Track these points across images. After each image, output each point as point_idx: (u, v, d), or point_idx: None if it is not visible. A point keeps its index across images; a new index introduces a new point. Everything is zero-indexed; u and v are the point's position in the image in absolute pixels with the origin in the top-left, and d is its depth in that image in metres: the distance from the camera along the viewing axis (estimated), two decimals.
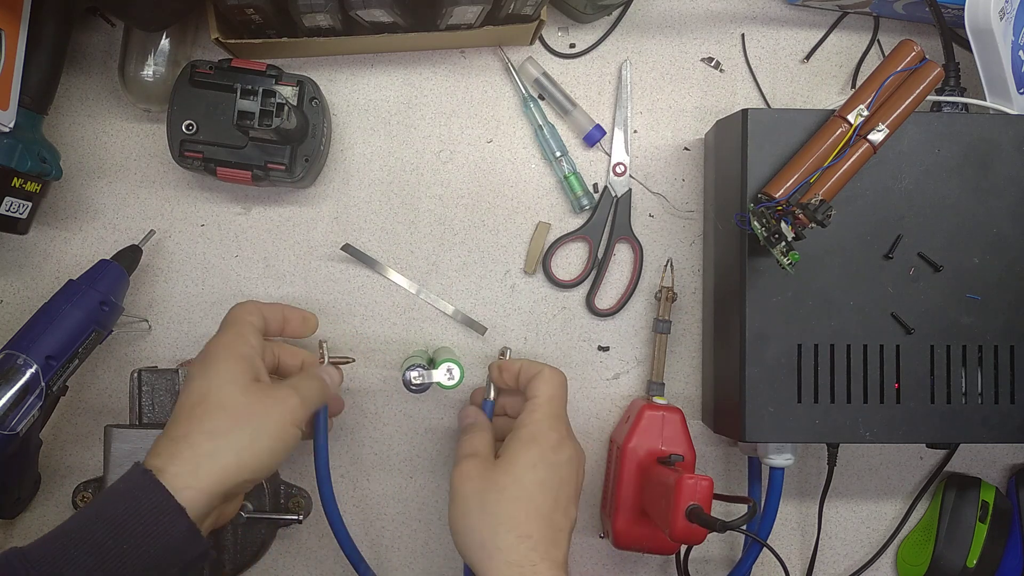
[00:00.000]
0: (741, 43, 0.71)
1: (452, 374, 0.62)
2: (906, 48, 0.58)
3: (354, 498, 0.70)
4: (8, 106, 0.59)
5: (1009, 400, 0.60)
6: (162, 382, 0.64)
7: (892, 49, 0.59)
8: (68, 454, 0.69)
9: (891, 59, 0.58)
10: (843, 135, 0.57)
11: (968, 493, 0.70)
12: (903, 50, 0.58)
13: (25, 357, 0.59)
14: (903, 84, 0.58)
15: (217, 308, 0.69)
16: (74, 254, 0.69)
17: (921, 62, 0.58)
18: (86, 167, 0.69)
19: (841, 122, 0.58)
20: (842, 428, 0.60)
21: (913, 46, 0.58)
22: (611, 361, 0.70)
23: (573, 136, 0.70)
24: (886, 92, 0.58)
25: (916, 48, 0.58)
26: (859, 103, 0.57)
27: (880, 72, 0.58)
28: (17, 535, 0.69)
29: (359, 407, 0.69)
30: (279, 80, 0.64)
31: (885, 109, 0.57)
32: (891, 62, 0.58)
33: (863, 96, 0.58)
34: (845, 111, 0.58)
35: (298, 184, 0.67)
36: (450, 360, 0.62)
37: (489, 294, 0.70)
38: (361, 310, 0.69)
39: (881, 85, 0.57)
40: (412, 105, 0.70)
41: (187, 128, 0.63)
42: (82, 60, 0.68)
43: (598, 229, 0.70)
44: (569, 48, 0.71)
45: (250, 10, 0.61)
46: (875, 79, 0.58)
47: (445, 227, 0.70)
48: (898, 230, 0.60)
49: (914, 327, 0.60)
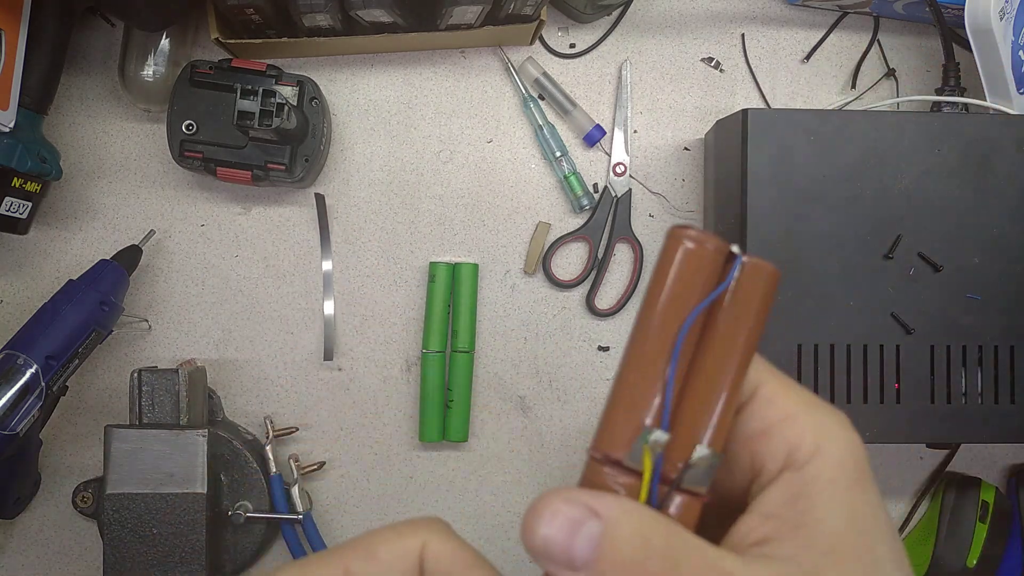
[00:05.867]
0: (741, 43, 0.71)
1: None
2: (675, 244, 0.27)
3: (354, 498, 0.70)
4: (8, 106, 0.59)
5: (1009, 400, 0.60)
6: (162, 382, 0.64)
7: (663, 257, 0.28)
8: (68, 454, 0.69)
9: (663, 284, 0.27)
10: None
11: (968, 493, 0.70)
12: (672, 251, 0.27)
13: (25, 357, 0.59)
14: (714, 329, 0.28)
15: (217, 308, 0.69)
16: (74, 254, 0.69)
17: (731, 261, 0.28)
18: (86, 167, 0.69)
19: (602, 470, 0.27)
20: None
21: (683, 236, 0.27)
22: (611, 361, 0.70)
23: (573, 136, 0.70)
24: (684, 360, 0.27)
25: (692, 238, 0.27)
26: (638, 412, 0.27)
27: (652, 328, 0.27)
28: (17, 535, 0.69)
29: (359, 406, 0.70)
30: (279, 80, 0.64)
31: (691, 397, 0.27)
32: (676, 293, 0.27)
33: (643, 390, 0.27)
34: (609, 445, 0.26)
35: (298, 184, 0.67)
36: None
37: (489, 294, 0.70)
38: (361, 310, 0.69)
39: (673, 359, 0.27)
40: (412, 105, 0.70)
41: (187, 128, 0.63)
42: (82, 60, 0.68)
43: (598, 229, 0.70)
44: (569, 48, 0.71)
45: (250, 10, 0.61)
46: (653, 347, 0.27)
47: (445, 227, 0.70)
48: (898, 230, 0.60)
49: (914, 327, 0.60)
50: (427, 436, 0.68)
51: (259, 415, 0.69)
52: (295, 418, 0.69)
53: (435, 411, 0.68)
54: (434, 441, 0.68)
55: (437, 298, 0.68)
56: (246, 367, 0.69)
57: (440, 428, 0.68)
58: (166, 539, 0.61)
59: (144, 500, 0.61)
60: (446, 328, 0.69)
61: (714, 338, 0.28)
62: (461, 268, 0.68)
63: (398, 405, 0.70)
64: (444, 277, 0.68)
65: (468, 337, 0.68)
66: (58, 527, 0.69)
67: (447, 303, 0.69)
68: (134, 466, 0.62)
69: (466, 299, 0.68)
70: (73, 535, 0.69)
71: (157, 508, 0.61)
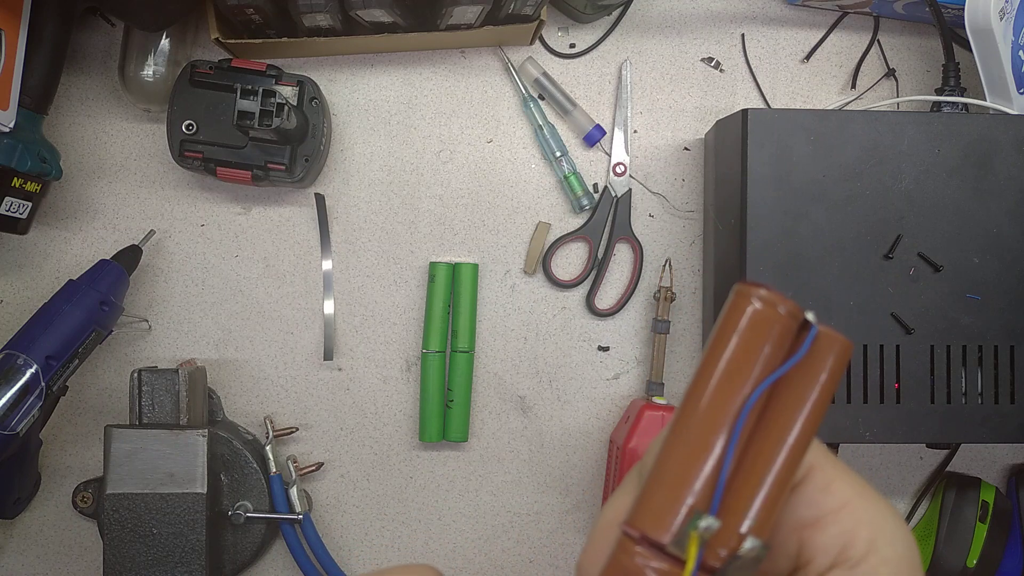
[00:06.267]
0: (741, 43, 0.71)
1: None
2: (743, 303, 0.26)
3: (354, 498, 0.70)
4: (8, 106, 0.59)
5: (1009, 400, 0.60)
6: (162, 382, 0.64)
7: (728, 316, 0.26)
8: (68, 454, 0.69)
9: (726, 344, 0.26)
10: None
11: (968, 493, 0.70)
12: (739, 311, 0.26)
13: (25, 357, 0.59)
14: (777, 404, 0.26)
15: (217, 308, 0.69)
16: (74, 254, 0.69)
17: (808, 330, 0.26)
18: (86, 167, 0.69)
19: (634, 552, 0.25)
20: (842, 428, 0.60)
21: (752, 293, 0.26)
22: (611, 361, 0.70)
23: (573, 136, 0.70)
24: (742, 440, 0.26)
25: (763, 300, 0.26)
26: (687, 493, 0.25)
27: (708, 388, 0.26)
28: (17, 535, 0.69)
29: (359, 406, 0.70)
30: (279, 80, 0.64)
31: (744, 479, 0.25)
32: (738, 356, 0.26)
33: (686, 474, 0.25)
34: (651, 526, 0.25)
35: (298, 184, 0.67)
36: None
37: (489, 294, 0.70)
38: (361, 310, 0.69)
39: (734, 437, 0.25)
40: (412, 105, 0.70)
41: (187, 128, 0.63)
42: (82, 60, 0.68)
43: (598, 229, 0.70)
44: (569, 48, 0.71)
45: (250, 10, 0.61)
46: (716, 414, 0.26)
47: (445, 227, 0.70)
48: (898, 230, 0.60)
49: (914, 327, 0.60)
50: (427, 436, 0.68)
51: (259, 415, 0.69)
52: (295, 418, 0.69)
53: (435, 411, 0.68)
54: (434, 441, 0.68)
55: (437, 298, 0.68)
56: (246, 367, 0.69)
57: (440, 428, 0.68)
58: (166, 539, 0.61)
59: (144, 500, 0.61)
60: (446, 328, 0.69)
61: (775, 415, 0.25)
62: (461, 268, 0.68)
63: (398, 405, 0.70)
64: (444, 277, 0.68)
65: (468, 337, 0.68)
66: (58, 527, 0.69)
67: (447, 303, 0.69)
68: (134, 466, 0.62)
69: (466, 299, 0.68)
70: (73, 535, 0.69)
71: (157, 508, 0.61)
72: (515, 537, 0.70)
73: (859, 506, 0.26)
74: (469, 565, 0.70)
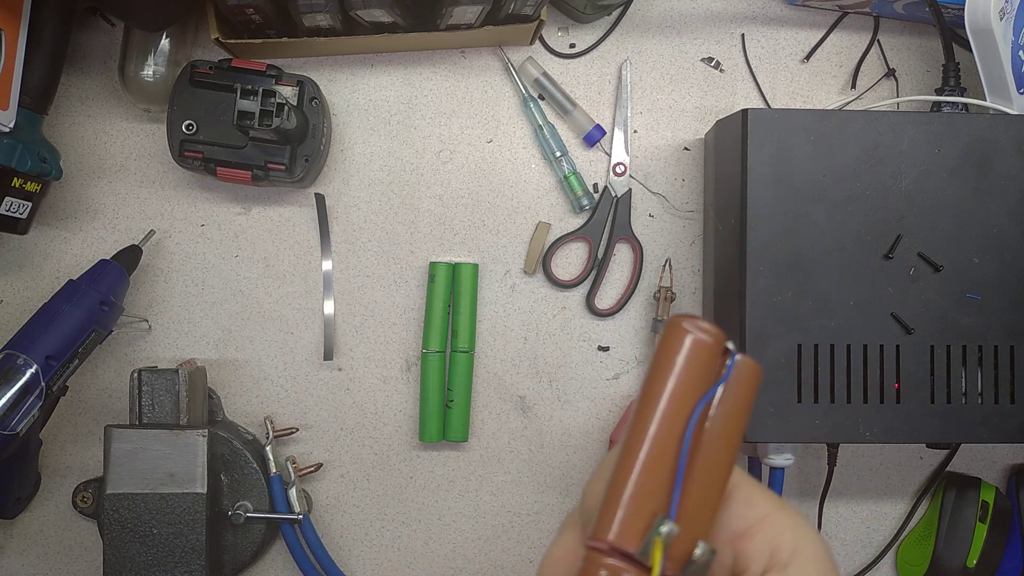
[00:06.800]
0: (741, 43, 0.71)
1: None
2: (681, 334, 0.29)
3: (354, 498, 0.70)
4: (8, 106, 0.59)
5: (1009, 400, 0.60)
6: (162, 382, 0.64)
7: (667, 345, 0.29)
8: (68, 454, 0.69)
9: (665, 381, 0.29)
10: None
11: (968, 493, 0.70)
12: (678, 340, 0.29)
13: (25, 357, 0.59)
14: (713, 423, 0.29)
15: (217, 308, 0.69)
16: (74, 254, 0.69)
17: (729, 356, 0.29)
18: (86, 167, 0.69)
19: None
20: (842, 428, 0.60)
21: (687, 325, 0.29)
22: (611, 361, 0.70)
23: (573, 136, 0.70)
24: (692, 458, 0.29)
25: (701, 329, 0.29)
26: (649, 504, 0.27)
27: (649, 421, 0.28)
28: (17, 535, 0.69)
29: (359, 406, 0.70)
30: (279, 80, 0.64)
31: (690, 491, 0.28)
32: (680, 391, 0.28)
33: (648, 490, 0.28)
34: (619, 536, 0.27)
35: (298, 184, 0.67)
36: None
37: (489, 294, 0.70)
38: (361, 310, 0.69)
39: (683, 450, 0.28)
40: (412, 105, 0.70)
41: (187, 128, 0.63)
42: (82, 60, 0.68)
43: (598, 229, 0.70)
44: (569, 48, 0.71)
45: (250, 10, 0.61)
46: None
47: (445, 227, 0.70)
48: (898, 230, 0.60)
49: (914, 327, 0.60)
50: (427, 436, 0.68)
51: (259, 415, 0.69)
52: (295, 418, 0.69)
53: (435, 411, 0.68)
54: (434, 441, 0.68)
55: (437, 298, 0.68)
56: (246, 367, 0.69)
57: (440, 428, 0.68)
58: (166, 539, 0.61)
59: (144, 500, 0.61)
60: (446, 328, 0.69)
61: (709, 433, 0.28)
62: (461, 268, 0.68)
63: (398, 405, 0.70)
64: (444, 277, 0.68)
65: (468, 337, 0.68)
66: (58, 527, 0.69)
67: (447, 303, 0.69)
68: (134, 466, 0.62)
69: (466, 299, 0.68)
70: (73, 535, 0.69)
71: (157, 508, 0.61)
72: (515, 537, 0.70)
73: (779, 515, 0.30)
74: (469, 565, 0.70)
